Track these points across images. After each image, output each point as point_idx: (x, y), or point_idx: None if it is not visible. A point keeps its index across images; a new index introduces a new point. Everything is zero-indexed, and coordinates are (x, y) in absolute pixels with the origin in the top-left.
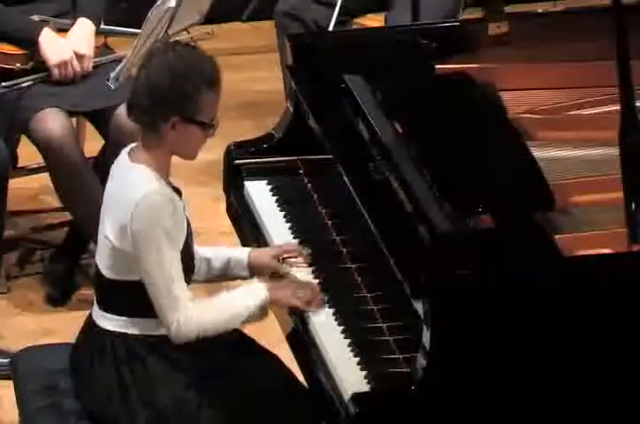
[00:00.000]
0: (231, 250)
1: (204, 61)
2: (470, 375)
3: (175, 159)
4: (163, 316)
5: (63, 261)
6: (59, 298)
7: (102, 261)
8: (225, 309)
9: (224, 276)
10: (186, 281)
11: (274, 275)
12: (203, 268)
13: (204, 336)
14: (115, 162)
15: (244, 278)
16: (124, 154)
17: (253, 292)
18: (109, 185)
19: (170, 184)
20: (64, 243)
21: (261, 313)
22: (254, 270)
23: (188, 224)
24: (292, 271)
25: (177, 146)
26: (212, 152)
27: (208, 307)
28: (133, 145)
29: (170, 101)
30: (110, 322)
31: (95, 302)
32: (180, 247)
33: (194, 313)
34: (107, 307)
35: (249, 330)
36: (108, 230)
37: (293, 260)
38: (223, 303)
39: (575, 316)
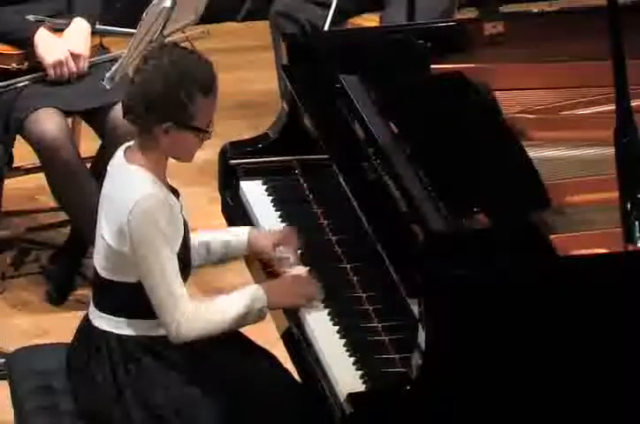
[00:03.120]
0: (229, 232)
1: (200, 67)
2: (465, 375)
3: (170, 159)
4: (162, 316)
5: (64, 262)
6: (58, 298)
7: (100, 261)
8: (224, 311)
9: (224, 258)
10: (182, 280)
11: (268, 271)
12: (202, 253)
13: (203, 337)
14: (111, 161)
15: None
16: (120, 153)
17: (251, 294)
18: (105, 184)
19: (167, 185)
20: (66, 243)
21: (259, 314)
22: (251, 250)
23: (185, 225)
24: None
25: (171, 150)
26: (208, 152)
27: (207, 308)
28: (129, 144)
29: (163, 107)
30: (106, 323)
31: (91, 302)
32: (177, 249)
33: (193, 313)
34: (103, 308)
35: (247, 330)
36: (105, 230)
37: (285, 257)
38: (222, 304)
39: (570, 316)
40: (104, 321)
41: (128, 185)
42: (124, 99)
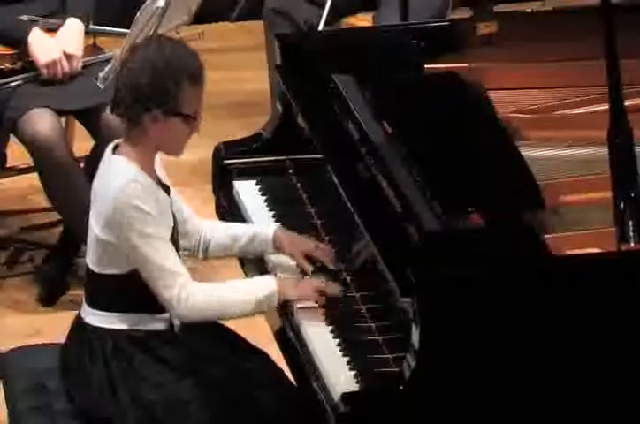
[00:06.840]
0: (255, 226)
1: (186, 55)
2: (459, 375)
3: (165, 159)
4: (162, 296)
5: (56, 262)
6: (51, 298)
7: (90, 254)
8: (230, 291)
9: (244, 252)
10: None
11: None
12: (226, 243)
13: (209, 315)
14: (101, 159)
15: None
16: (108, 150)
17: (263, 282)
18: (94, 180)
19: (156, 179)
20: (58, 243)
21: (269, 300)
22: (276, 249)
23: (175, 224)
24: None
25: (160, 140)
26: (201, 152)
27: (212, 285)
28: (118, 141)
29: (150, 95)
30: (97, 318)
31: (83, 299)
32: (168, 237)
33: (195, 287)
34: (95, 304)
35: (240, 328)
36: (93, 221)
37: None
38: (228, 285)
39: (563, 316)
40: (95, 317)
41: (112, 174)
42: (113, 92)
